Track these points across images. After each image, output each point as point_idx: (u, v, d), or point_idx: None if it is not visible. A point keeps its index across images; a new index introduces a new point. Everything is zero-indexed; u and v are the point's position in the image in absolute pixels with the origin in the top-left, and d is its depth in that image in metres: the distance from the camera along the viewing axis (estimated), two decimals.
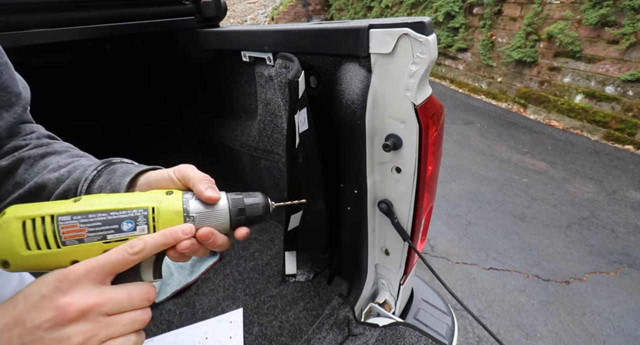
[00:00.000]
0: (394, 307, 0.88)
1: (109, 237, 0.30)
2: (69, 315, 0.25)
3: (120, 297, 0.28)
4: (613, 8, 2.90)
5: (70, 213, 0.28)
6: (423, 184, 0.64)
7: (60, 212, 0.28)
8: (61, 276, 0.26)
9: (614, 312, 1.56)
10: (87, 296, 0.26)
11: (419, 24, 0.49)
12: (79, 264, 0.27)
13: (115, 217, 0.30)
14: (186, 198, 0.34)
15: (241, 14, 8.68)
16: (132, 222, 0.30)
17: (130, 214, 0.30)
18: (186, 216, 0.33)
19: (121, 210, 0.30)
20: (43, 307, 0.25)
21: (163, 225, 0.32)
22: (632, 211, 2.23)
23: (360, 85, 0.59)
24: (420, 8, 5.16)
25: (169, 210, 0.32)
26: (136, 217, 0.31)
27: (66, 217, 0.28)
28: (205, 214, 0.34)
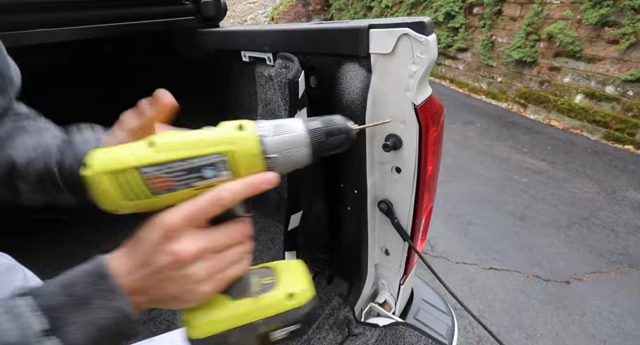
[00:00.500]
0: (394, 307, 0.88)
1: (194, 185, 0.30)
2: (186, 259, 0.28)
3: (223, 237, 0.31)
4: (613, 8, 2.90)
5: (152, 164, 0.28)
6: (423, 184, 0.64)
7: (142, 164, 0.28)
8: (165, 226, 0.28)
9: (614, 312, 1.56)
10: (194, 242, 0.29)
11: (419, 24, 0.49)
12: (175, 213, 0.29)
13: (195, 164, 0.29)
14: (262, 134, 0.31)
15: (241, 14, 8.68)
16: (213, 169, 0.30)
17: (209, 160, 0.30)
18: (266, 158, 0.31)
19: (200, 156, 0.29)
20: (160, 252, 0.28)
21: (245, 169, 0.31)
22: (632, 211, 2.23)
23: (360, 85, 0.59)
24: (420, 8, 5.16)
25: (246, 153, 0.30)
26: (214, 163, 0.30)
27: (149, 169, 0.28)
28: (285, 153, 0.32)
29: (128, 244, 0.31)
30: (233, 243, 0.32)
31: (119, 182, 0.28)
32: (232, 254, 0.32)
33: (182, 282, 0.29)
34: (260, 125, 0.32)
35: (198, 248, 0.29)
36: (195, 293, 0.30)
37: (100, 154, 0.29)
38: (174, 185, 0.29)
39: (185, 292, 0.30)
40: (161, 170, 0.28)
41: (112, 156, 0.29)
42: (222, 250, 0.31)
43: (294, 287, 0.36)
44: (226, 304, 0.34)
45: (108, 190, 0.28)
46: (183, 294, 0.30)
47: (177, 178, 0.29)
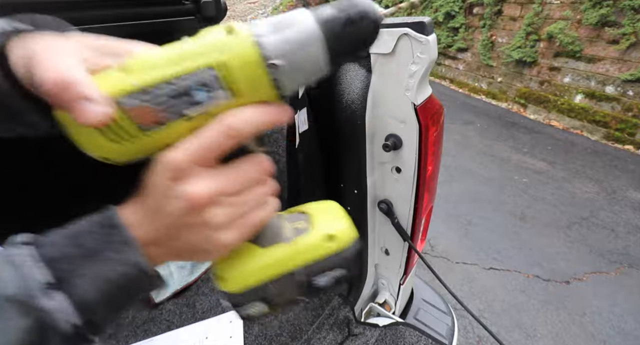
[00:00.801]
0: (394, 307, 0.88)
1: (187, 113, 0.23)
2: (199, 203, 0.24)
3: (238, 177, 0.26)
4: (613, 8, 2.90)
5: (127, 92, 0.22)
6: (423, 184, 0.64)
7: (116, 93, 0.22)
8: (170, 166, 0.24)
9: (614, 312, 1.56)
10: (204, 182, 0.25)
11: (419, 24, 0.49)
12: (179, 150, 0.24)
13: (180, 86, 0.23)
14: (257, 34, 0.23)
15: (241, 14, 8.68)
16: (205, 90, 0.23)
17: (196, 78, 0.23)
18: (269, 66, 0.23)
19: (181, 75, 0.23)
20: (170, 197, 0.24)
21: (246, 84, 0.23)
22: (632, 211, 2.23)
23: (360, 85, 0.59)
24: (420, 8, 5.16)
25: (241, 62, 0.23)
26: (205, 81, 0.23)
27: (125, 99, 0.22)
28: (292, 57, 0.23)
29: (137, 194, 0.27)
30: (251, 183, 0.27)
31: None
32: (253, 195, 0.28)
33: (200, 229, 0.25)
34: (255, 23, 0.24)
35: (210, 190, 0.25)
36: (217, 242, 0.26)
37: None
38: (163, 117, 0.23)
39: (205, 241, 0.26)
40: (142, 99, 0.22)
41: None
42: (240, 192, 0.27)
43: (332, 228, 0.32)
44: (257, 252, 0.30)
45: (88, 133, 0.23)
46: (203, 243, 0.26)
47: (164, 106, 0.23)
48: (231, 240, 0.27)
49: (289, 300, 0.32)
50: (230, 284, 0.29)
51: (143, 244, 0.25)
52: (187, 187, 0.24)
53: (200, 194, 0.24)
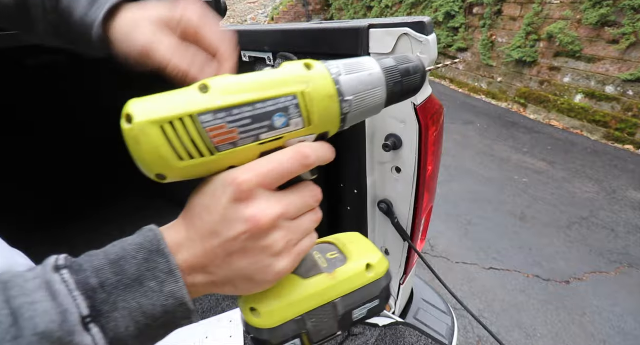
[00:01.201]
0: (394, 307, 0.88)
1: (262, 138, 0.24)
2: (263, 227, 0.23)
3: (298, 201, 0.26)
4: (613, 8, 2.90)
5: (211, 110, 0.22)
6: (423, 184, 0.64)
7: (199, 110, 0.22)
8: (235, 187, 0.23)
9: (614, 312, 1.56)
10: (270, 206, 0.24)
11: (419, 24, 0.49)
12: (246, 171, 0.24)
13: (263, 110, 0.24)
14: (334, 73, 0.26)
15: (241, 14, 8.68)
16: (284, 116, 0.24)
17: (279, 105, 0.24)
18: (342, 101, 0.26)
19: (266, 100, 0.24)
20: (231, 219, 0.23)
21: (320, 115, 0.25)
22: (632, 211, 2.23)
23: None
24: (420, 8, 5.16)
25: (321, 94, 0.25)
26: (286, 108, 0.24)
27: (207, 116, 0.22)
28: (360, 95, 0.27)
29: (184, 215, 0.25)
30: (307, 208, 0.27)
31: (170, 135, 0.22)
32: (307, 221, 0.27)
33: (257, 255, 0.24)
34: (329, 63, 0.27)
35: (275, 214, 0.24)
36: (271, 270, 0.25)
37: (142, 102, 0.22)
38: (238, 138, 0.23)
39: (259, 269, 0.24)
40: (223, 119, 0.22)
41: (158, 104, 0.22)
42: (297, 217, 0.26)
43: (369, 258, 0.32)
44: (299, 283, 0.29)
45: (157, 147, 0.22)
46: (256, 271, 0.24)
47: (243, 128, 0.23)
48: (285, 268, 0.25)
49: (326, 335, 0.31)
50: (267, 318, 0.27)
51: (188, 271, 0.23)
52: (253, 210, 0.23)
53: (267, 217, 0.23)
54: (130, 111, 0.21)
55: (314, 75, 0.25)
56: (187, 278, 0.23)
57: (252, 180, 0.23)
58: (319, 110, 0.25)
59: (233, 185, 0.23)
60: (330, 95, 0.25)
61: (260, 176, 0.24)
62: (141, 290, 0.21)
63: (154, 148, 0.22)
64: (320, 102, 0.25)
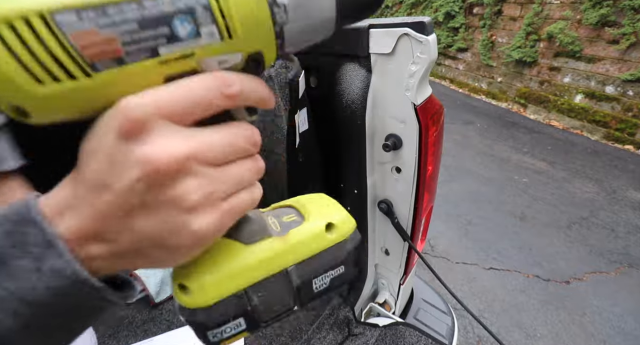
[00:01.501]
0: (394, 307, 0.88)
1: (162, 52, 0.17)
2: (163, 169, 0.16)
3: (221, 141, 0.19)
4: (613, 8, 2.90)
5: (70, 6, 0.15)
6: (423, 184, 0.64)
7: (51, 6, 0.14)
8: (123, 115, 0.16)
9: (614, 312, 1.56)
10: (173, 142, 0.17)
11: (419, 24, 0.49)
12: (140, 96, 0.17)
13: (155, 10, 0.16)
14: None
15: None
16: (189, 21, 0.17)
17: (180, 4, 0.16)
18: (275, 4, 0.18)
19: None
20: (119, 162, 0.16)
21: (243, 23, 0.18)
22: (632, 211, 2.23)
23: (360, 85, 0.59)
24: (420, 8, 5.16)
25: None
26: (191, 8, 0.16)
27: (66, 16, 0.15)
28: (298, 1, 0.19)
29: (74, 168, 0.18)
30: (238, 153, 0.20)
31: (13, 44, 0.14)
32: (238, 170, 0.20)
33: (163, 210, 0.17)
34: None
35: (180, 152, 0.17)
36: (186, 230, 0.18)
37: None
38: (123, 51, 0.16)
39: (170, 229, 0.18)
40: (93, 20, 0.15)
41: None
42: (222, 163, 0.19)
43: (330, 217, 0.26)
44: (240, 249, 0.23)
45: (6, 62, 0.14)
46: (167, 233, 0.18)
47: (127, 36, 0.16)
48: (208, 228, 0.19)
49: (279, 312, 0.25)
50: (199, 295, 0.21)
51: (78, 241, 0.17)
52: (148, 147, 0.16)
53: (169, 156, 0.16)
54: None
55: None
56: (80, 250, 0.17)
57: (148, 107, 0.16)
58: (241, 15, 0.18)
59: (122, 113, 0.16)
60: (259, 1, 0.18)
61: (160, 103, 0.17)
62: (8, 272, 0.16)
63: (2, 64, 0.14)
64: (242, 3, 0.18)
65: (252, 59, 0.20)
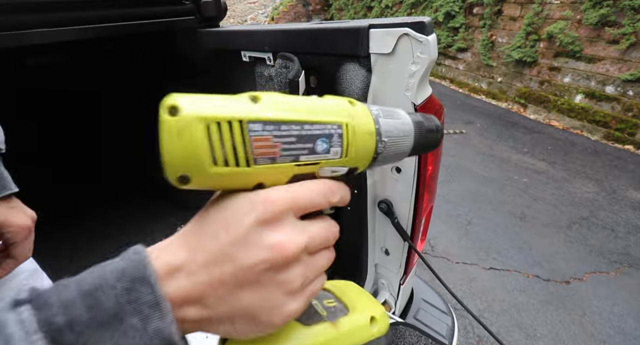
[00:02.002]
0: (394, 307, 0.88)
1: (301, 159, 0.23)
2: (288, 257, 0.20)
3: (321, 234, 0.23)
4: (613, 8, 2.90)
5: (261, 120, 0.21)
6: (423, 183, 0.64)
7: (250, 118, 0.21)
8: (266, 206, 0.20)
9: (614, 312, 1.56)
10: (296, 234, 0.21)
11: (419, 24, 0.49)
12: (280, 191, 0.22)
13: (309, 132, 0.23)
14: (375, 114, 0.27)
15: (241, 14, 8.68)
16: (327, 142, 0.24)
17: (325, 131, 0.24)
18: (378, 140, 0.27)
19: (316, 123, 0.23)
20: (252, 243, 0.19)
21: (356, 148, 0.26)
22: (632, 211, 2.23)
23: (360, 85, 0.59)
24: (420, 8, 5.16)
25: (363, 129, 0.26)
26: (330, 135, 0.24)
27: (257, 126, 0.21)
28: (394, 139, 0.28)
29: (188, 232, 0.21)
30: (326, 244, 0.24)
31: (214, 136, 0.20)
32: (323, 259, 0.24)
33: (271, 291, 0.20)
34: (369, 105, 0.28)
35: (301, 243, 0.21)
36: (281, 311, 0.21)
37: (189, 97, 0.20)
38: (279, 154, 0.22)
39: (269, 308, 0.20)
40: (270, 131, 0.21)
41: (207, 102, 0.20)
42: (316, 252, 0.23)
43: (372, 311, 0.31)
44: (300, 330, 0.26)
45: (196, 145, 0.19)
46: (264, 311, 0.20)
47: (286, 145, 0.22)
48: (296, 311, 0.21)
49: None
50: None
51: (180, 302, 0.19)
52: (281, 236, 0.20)
53: (294, 247, 0.20)
54: (177, 103, 0.19)
55: (358, 111, 0.26)
56: (178, 311, 0.19)
57: (285, 202, 0.21)
58: (358, 144, 0.26)
59: (264, 204, 0.20)
60: (371, 133, 0.26)
61: (293, 199, 0.21)
62: (120, 329, 0.17)
63: (193, 145, 0.19)
64: (362, 137, 0.26)
65: (350, 170, 0.27)
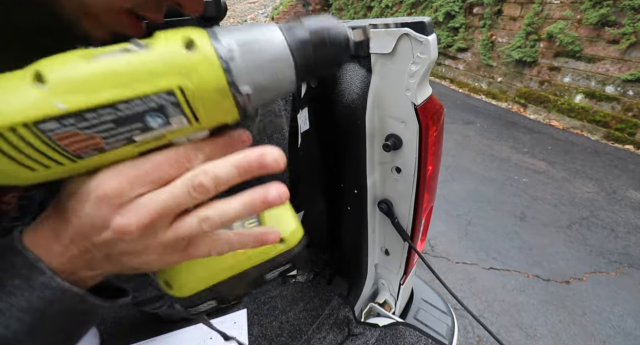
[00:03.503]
0: (394, 307, 0.88)
1: (137, 139, 0.20)
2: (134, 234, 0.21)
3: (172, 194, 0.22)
4: (613, 8, 2.90)
5: (51, 117, 0.17)
6: (423, 183, 0.64)
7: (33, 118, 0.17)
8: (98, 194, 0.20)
9: (614, 312, 1.56)
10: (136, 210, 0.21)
11: (419, 24, 0.49)
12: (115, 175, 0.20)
13: (129, 112, 0.18)
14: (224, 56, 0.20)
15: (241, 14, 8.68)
16: (160, 116, 0.19)
17: (151, 104, 0.19)
18: (235, 91, 0.20)
19: (131, 100, 0.18)
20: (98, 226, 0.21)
21: (208, 110, 0.20)
22: (632, 211, 2.22)
23: (361, 85, 0.59)
24: (420, 8, 5.16)
25: (206, 89, 0.19)
26: (161, 106, 0.19)
27: (49, 124, 0.17)
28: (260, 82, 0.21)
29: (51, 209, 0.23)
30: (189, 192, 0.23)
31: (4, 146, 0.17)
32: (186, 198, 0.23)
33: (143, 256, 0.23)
34: (219, 34, 0.21)
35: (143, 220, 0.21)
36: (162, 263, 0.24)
37: None
38: (103, 143, 0.19)
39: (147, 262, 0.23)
40: (73, 125, 0.18)
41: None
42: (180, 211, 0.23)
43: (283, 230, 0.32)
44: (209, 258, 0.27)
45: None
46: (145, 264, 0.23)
47: (106, 133, 0.19)
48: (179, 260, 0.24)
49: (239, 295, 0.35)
50: (179, 290, 0.29)
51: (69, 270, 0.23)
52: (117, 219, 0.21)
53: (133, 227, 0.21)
54: None
55: (197, 62, 0.19)
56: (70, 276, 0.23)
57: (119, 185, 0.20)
58: (206, 106, 0.20)
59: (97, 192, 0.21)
60: (220, 89, 0.20)
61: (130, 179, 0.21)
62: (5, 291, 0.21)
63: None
64: (207, 98, 0.20)
65: (216, 128, 0.23)
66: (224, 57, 0.20)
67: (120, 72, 0.18)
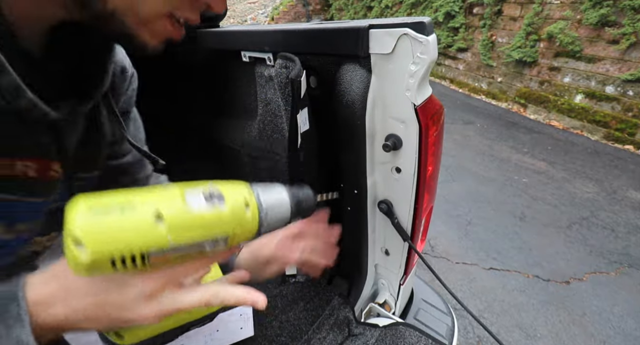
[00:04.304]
0: (394, 307, 0.88)
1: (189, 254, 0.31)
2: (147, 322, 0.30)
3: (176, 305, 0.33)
4: (613, 8, 2.90)
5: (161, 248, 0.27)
6: (423, 184, 0.64)
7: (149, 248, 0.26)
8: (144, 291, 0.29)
9: (614, 312, 1.56)
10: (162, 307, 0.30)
11: (419, 24, 0.49)
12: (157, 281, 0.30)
13: (200, 243, 0.30)
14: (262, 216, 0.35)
15: (241, 14, 8.68)
16: (213, 245, 0.31)
17: (214, 240, 0.31)
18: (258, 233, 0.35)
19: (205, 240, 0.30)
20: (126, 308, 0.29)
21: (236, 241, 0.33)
22: (632, 211, 2.22)
23: (360, 85, 0.59)
24: (420, 8, 5.16)
25: (246, 233, 0.33)
26: (216, 240, 0.31)
27: (156, 252, 0.27)
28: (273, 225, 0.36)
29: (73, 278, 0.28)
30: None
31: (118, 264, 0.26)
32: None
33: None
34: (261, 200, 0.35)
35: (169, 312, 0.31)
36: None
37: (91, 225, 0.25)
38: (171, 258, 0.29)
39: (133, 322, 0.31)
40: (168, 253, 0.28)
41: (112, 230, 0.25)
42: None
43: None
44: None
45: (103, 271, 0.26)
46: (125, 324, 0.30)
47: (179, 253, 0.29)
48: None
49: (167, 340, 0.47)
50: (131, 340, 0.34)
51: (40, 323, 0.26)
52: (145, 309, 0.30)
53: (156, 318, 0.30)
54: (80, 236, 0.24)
55: (249, 219, 0.33)
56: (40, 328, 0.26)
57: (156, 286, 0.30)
58: (238, 240, 0.33)
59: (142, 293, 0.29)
60: (253, 233, 0.34)
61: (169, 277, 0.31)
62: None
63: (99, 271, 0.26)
64: (242, 236, 0.33)
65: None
66: (262, 217, 0.34)
67: (209, 221, 0.30)
